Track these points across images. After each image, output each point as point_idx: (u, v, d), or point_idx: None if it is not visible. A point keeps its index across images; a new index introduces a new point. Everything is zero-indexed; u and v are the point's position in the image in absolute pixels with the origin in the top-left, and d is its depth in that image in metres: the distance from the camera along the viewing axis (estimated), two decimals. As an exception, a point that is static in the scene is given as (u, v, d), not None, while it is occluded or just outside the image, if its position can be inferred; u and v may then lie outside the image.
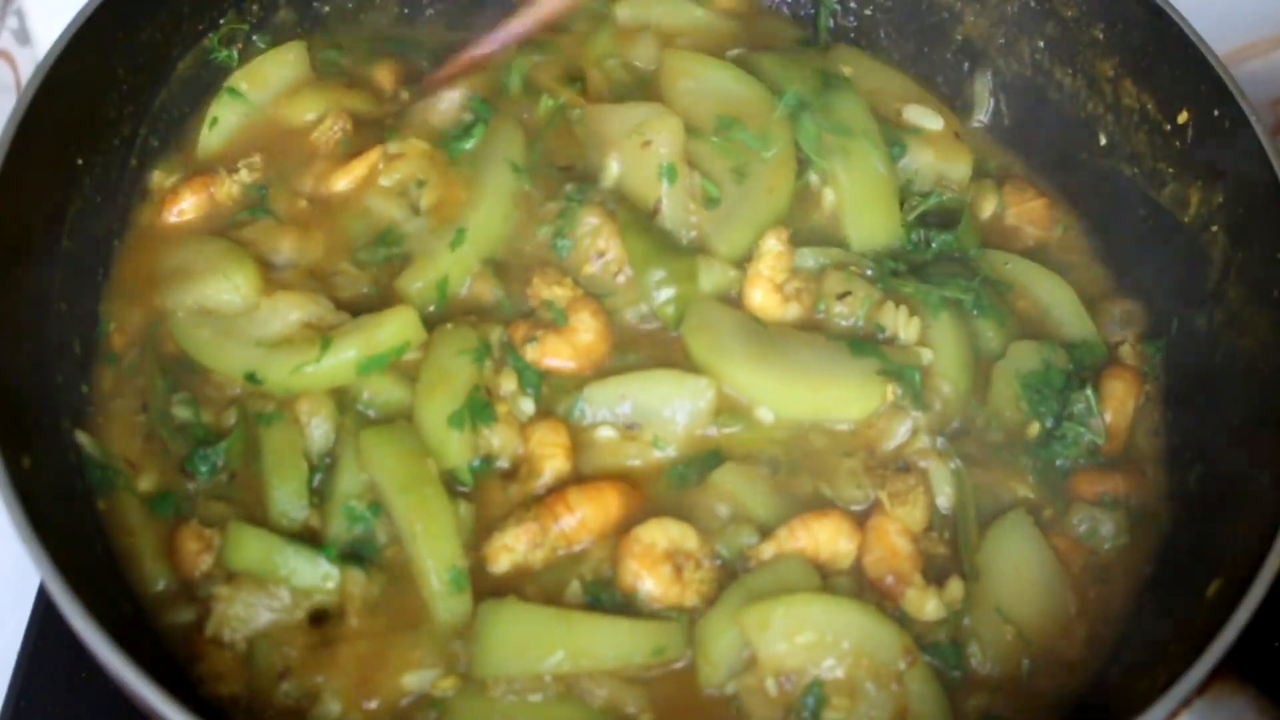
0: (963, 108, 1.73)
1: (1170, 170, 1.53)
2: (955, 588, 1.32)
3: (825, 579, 1.31)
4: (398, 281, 1.47)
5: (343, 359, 1.39)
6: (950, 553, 1.36)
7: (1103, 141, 1.61)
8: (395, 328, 1.40)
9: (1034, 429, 1.44)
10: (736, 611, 1.26)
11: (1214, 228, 1.47)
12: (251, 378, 1.41)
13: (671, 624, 1.29)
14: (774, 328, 1.45)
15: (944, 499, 1.38)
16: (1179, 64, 1.49)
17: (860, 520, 1.35)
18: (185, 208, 1.54)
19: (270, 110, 1.61)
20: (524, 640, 1.25)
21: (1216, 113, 1.45)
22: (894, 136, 1.59)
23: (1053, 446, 1.43)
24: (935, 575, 1.33)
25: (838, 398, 1.41)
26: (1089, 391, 1.44)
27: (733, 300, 1.48)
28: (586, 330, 1.43)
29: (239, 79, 1.61)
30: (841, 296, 1.47)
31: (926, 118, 1.63)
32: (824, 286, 1.48)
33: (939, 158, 1.61)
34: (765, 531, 1.34)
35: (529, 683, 1.24)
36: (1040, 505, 1.41)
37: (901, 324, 1.45)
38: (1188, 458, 1.44)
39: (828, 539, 1.32)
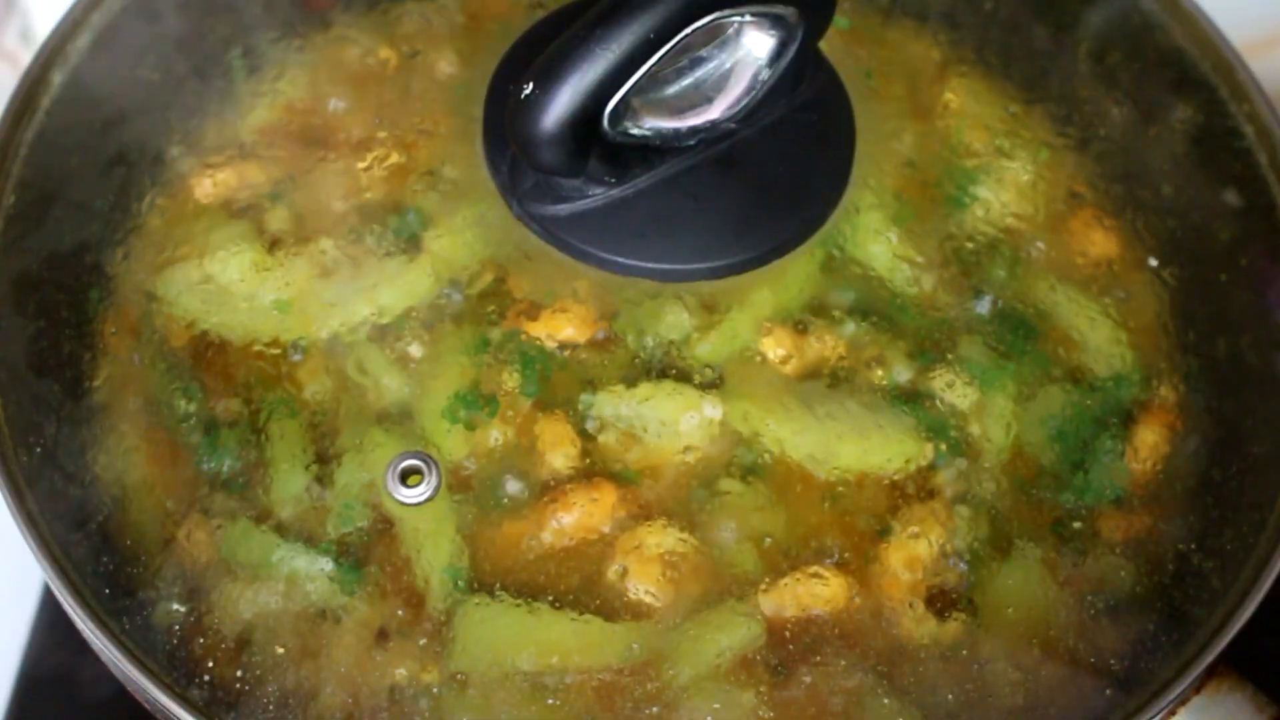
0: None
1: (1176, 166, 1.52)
2: (954, 625, 1.30)
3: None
4: (425, 237, 1.45)
5: (374, 304, 1.40)
6: (959, 584, 1.33)
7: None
8: (425, 266, 1.41)
9: (1055, 475, 1.38)
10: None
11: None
12: (283, 342, 1.41)
13: (648, 624, 1.28)
14: (809, 384, 1.40)
15: (960, 537, 1.34)
16: (1191, 56, 1.49)
17: (866, 557, 1.33)
18: (209, 185, 1.53)
19: (312, 108, 1.59)
20: (495, 637, 1.25)
21: (1232, 107, 1.45)
22: (967, 177, 1.52)
23: (1073, 492, 1.37)
24: (941, 606, 1.31)
25: (876, 452, 1.36)
26: (1111, 440, 1.39)
27: None
28: (583, 300, 1.43)
29: (305, 74, 1.60)
30: (871, 361, 1.42)
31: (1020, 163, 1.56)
32: (858, 351, 1.42)
33: (1015, 202, 1.52)
34: (769, 561, 1.32)
35: (509, 680, 1.25)
36: (1057, 548, 1.35)
37: (957, 394, 1.40)
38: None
39: (829, 598, 1.30)
